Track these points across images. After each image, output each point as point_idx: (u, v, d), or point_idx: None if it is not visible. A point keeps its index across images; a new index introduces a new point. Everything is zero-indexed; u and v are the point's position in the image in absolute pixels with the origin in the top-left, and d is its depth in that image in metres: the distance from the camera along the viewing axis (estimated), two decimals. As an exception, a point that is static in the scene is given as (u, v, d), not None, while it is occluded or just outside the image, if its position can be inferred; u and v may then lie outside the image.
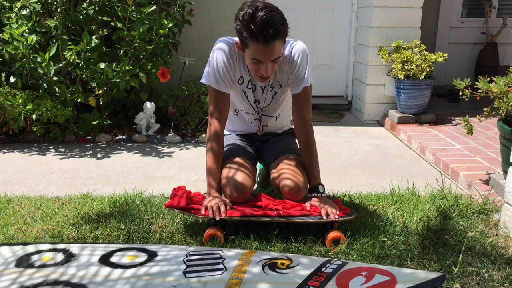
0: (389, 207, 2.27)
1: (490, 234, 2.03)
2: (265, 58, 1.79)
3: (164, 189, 2.50)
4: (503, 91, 2.28)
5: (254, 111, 2.15)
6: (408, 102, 3.82)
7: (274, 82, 2.04)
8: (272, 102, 2.11)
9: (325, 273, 1.46)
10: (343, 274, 1.44)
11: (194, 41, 4.28)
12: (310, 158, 2.04)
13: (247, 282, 1.44)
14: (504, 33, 5.06)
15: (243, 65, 1.99)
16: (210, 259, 1.62)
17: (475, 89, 2.42)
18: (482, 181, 2.54)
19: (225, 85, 1.97)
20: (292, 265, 1.54)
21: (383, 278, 1.39)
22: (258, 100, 2.08)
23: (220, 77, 1.95)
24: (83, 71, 3.36)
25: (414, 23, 3.97)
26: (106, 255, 1.67)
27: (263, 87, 2.04)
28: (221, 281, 1.44)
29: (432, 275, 1.36)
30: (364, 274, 1.43)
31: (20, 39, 3.17)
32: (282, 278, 1.46)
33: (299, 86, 1.99)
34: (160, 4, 3.77)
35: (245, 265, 1.56)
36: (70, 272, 1.54)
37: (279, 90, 2.08)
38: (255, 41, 1.75)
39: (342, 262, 1.52)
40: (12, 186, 2.60)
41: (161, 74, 3.54)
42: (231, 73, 1.97)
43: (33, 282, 1.49)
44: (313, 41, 4.60)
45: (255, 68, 1.85)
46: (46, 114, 3.23)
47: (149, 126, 3.67)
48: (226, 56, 1.94)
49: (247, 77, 2.02)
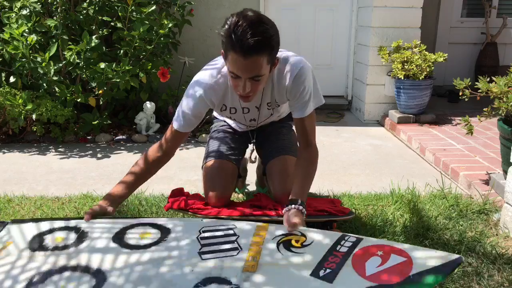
0: (389, 207, 2.27)
1: (490, 234, 2.03)
2: (242, 73, 1.55)
3: (164, 189, 2.50)
4: (503, 91, 2.28)
5: (249, 127, 2.08)
6: (408, 102, 3.82)
7: (272, 101, 1.86)
8: (270, 116, 2.00)
9: (340, 253, 1.43)
10: (358, 253, 1.41)
11: (194, 41, 4.28)
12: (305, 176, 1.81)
13: (263, 264, 1.43)
14: (504, 33, 5.06)
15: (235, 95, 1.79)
16: (224, 236, 1.59)
17: (475, 89, 2.42)
18: (482, 181, 2.54)
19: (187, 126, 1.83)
20: (306, 243, 1.51)
21: (399, 259, 1.36)
22: (253, 119, 1.97)
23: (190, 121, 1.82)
24: (83, 71, 3.36)
25: (414, 23, 3.97)
26: (119, 232, 1.64)
27: (257, 106, 1.87)
28: (238, 264, 1.43)
29: (448, 258, 1.34)
30: (379, 253, 1.40)
31: (20, 39, 3.17)
32: (298, 258, 1.43)
33: (304, 111, 1.80)
34: (160, 4, 3.77)
35: (259, 243, 1.53)
36: (85, 256, 1.52)
37: (276, 108, 1.93)
38: (232, 50, 1.51)
39: (357, 239, 1.49)
40: (12, 186, 2.60)
41: (161, 74, 3.54)
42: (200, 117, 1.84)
43: (50, 268, 1.46)
44: (313, 41, 4.61)
45: (234, 84, 1.63)
46: (46, 114, 3.23)
47: (149, 126, 3.67)
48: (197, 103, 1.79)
49: (240, 104, 1.87)
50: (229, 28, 1.51)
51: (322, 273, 1.34)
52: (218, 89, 1.79)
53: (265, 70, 1.58)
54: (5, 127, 3.46)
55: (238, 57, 1.50)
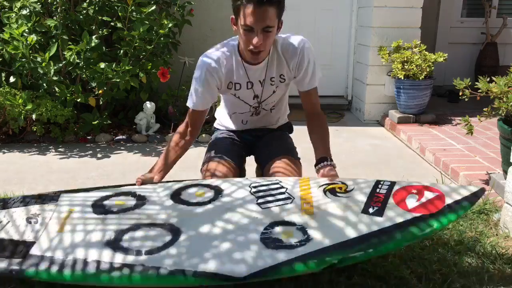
0: (389, 207, 2.27)
1: (490, 234, 2.03)
2: (255, 23, 1.69)
3: (164, 189, 2.50)
4: (503, 91, 2.28)
5: (252, 107, 2.08)
6: (408, 102, 3.82)
7: (276, 75, 1.96)
8: (272, 95, 2.04)
9: (381, 194, 1.61)
10: (397, 193, 1.60)
11: (194, 41, 4.28)
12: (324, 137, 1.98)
13: (318, 206, 1.58)
14: (504, 33, 5.06)
15: (243, 69, 1.93)
16: (274, 189, 1.71)
17: (475, 89, 2.42)
18: (482, 181, 2.54)
19: (201, 104, 1.95)
20: (349, 189, 1.66)
21: (433, 194, 1.56)
22: (257, 95, 2.02)
23: (203, 98, 1.94)
24: (83, 71, 3.36)
25: (414, 23, 3.97)
26: (175, 193, 1.74)
27: (261, 81, 1.97)
28: (296, 209, 1.58)
29: (472, 189, 1.57)
30: (414, 192, 1.59)
31: (20, 39, 3.17)
32: (346, 201, 1.60)
33: (311, 83, 1.97)
34: (160, 4, 3.77)
35: (308, 192, 1.67)
36: (153, 214, 1.62)
37: (281, 85, 2.00)
38: (248, 4, 1.67)
39: (391, 183, 1.66)
40: (12, 186, 2.60)
41: (161, 74, 3.54)
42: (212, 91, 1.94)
43: (125, 226, 1.55)
44: (313, 41, 4.56)
45: (247, 40, 1.75)
46: (46, 114, 3.23)
47: (149, 126, 3.67)
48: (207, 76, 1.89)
49: (245, 78, 1.95)
50: None
51: (371, 211, 1.53)
52: (224, 61, 1.90)
53: (274, 22, 1.73)
54: (5, 127, 3.46)
55: (252, 8, 1.67)
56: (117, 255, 1.43)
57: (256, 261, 1.37)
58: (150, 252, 1.43)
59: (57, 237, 1.53)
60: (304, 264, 1.37)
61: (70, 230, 1.55)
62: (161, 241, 1.47)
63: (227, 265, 1.37)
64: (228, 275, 1.35)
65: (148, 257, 1.41)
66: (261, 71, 1.93)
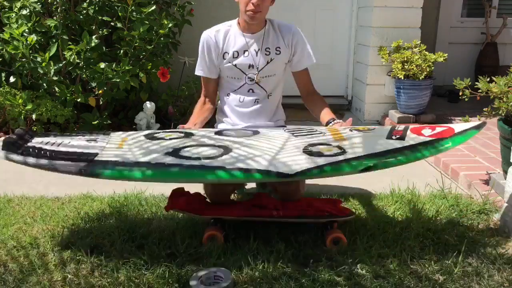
0: (389, 207, 2.27)
1: (490, 234, 2.03)
2: None
3: (164, 189, 2.50)
4: (503, 91, 2.28)
5: (247, 77, 2.16)
6: (408, 102, 3.82)
7: (271, 46, 2.16)
8: (267, 66, 2.17)
9: (399, 130, 1.85)
10: (412, 129, 1.84)
11: (194, 41, 4.25)
12: (327, 107, 2.22)
13: (347, 138, 1.80)
14: (504, 33, 5.06)
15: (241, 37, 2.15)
16: (305, 129, 1.96)
17: (475, 89, 2.42)
18: (482, 181, 2.54)
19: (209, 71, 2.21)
20: (371, 129, 1.91)
21: (443, 128, 1.81)
22: (252, 65, 2.16)
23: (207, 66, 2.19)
24: (83, 71, 3.36)
25: (414, 23, 3.97)
26: (217, 132, 1.97)
27: (256, 50, 2.15)
28: (329, 137, 1.82)
29: (475, 123, 1.82)
30: (427, 127, 1.84)
31: (20, 39, 3.17)
32: (371, 134, 1.86)
33: (308, 61, 2.23)
34: (160, 4, 3.77)
35: (337, 131, 1.89)
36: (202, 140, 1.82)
37: (276, 57, 2.17)
38: None
39: (405, 126, 1.89)
40: (12, 186, 2.60)
41: (161, 74, 3.54)
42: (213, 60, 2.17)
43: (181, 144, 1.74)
44: (313, 41, 4.58)
45: (245, 2, 2.01)
46: (46, 114, 3.23)
47: (149, 126, 3.67)
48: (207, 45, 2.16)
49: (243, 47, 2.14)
50: None
51: (394, 138, 1.78)
52: (223, 32, 2.15)
53: None
54: (5, 127, 3.46)
55: None
56: (178, 160, 1.61)
57: (303, 164, 1.58)
58: (208, 158, 1.63)
59: (118, 150, 1.72)
60: (347, 164, 1.58)
61: (128, 147, 1.75)
62: (216, 152, 1.67)
63: (278, 165, 1.57)
64: (280, 171, 1.54)
65: (207, 161, 1.60)
66: (258, 39, 2.14)
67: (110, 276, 1.68)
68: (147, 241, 1.91)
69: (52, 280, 1.68)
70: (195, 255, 1.82)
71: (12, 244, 1.91)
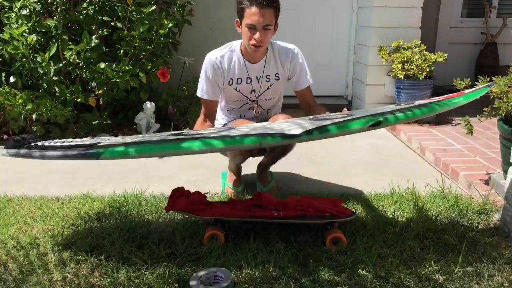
0: (389, 207, 2.27)
1: (490, 234, 2.03)
2: (258, 21, 2.05)
3: (164, 189, 2.50)
4: (503, 91, 2.28)
5: (249, 100, 2.34)
6: (408, 102, 3.81)
7: (271, 73, 2.29)
8: (267, 90, 2.33)
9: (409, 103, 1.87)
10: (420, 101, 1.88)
11: (194, 41, 4.28)
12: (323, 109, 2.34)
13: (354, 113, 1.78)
14: (504, 33, 5.05)
15: (243, 66, 2.25)
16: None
17: (475, 89, 2.42)
18: (482, 181, 2.54)
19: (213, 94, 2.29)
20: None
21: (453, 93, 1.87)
22: (254, 90, 2.31)
23: (211, 89, 2.28)
24: (83, 71, 3.36)
25: (414, 23, 3.97)
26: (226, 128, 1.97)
27: (258, 77, 2.29)
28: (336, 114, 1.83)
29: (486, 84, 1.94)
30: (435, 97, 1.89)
31: (20, 39, 3.17)
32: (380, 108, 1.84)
33: (305, 83, 2.34)
34: (160, 4, 3.77)
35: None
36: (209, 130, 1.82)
37: (275, 82, 2.32)
38: (250, 6, 2.05)
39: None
40: (12, 186, 2.60)
41: (161, 74, 3.54)
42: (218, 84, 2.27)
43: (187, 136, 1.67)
44: (313, 41, 4.60)
45: (249, 36, 2.10)
46: (46, 114, 3.23)
47: (149, 126, 3.67)
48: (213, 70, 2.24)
49: (246, 74, 2.27)
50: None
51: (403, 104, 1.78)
52: (227, 59, 2.24)
53: (272, 22, 2.10)
54: (5, 127, 3.46)
55: (255, 10, 2.04)
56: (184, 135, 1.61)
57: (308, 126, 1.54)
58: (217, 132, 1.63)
59: (121, 139, 1.69)
60: (356, 120, 1.51)
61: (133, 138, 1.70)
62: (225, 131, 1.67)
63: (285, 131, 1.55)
64: (286, 133, 1.53)
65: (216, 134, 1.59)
66: (259, 68, 2.26)
67: (110, 276, 1.68)
68: (147, 241, 1.91)
69: (52, 280, 1.68)
70: (195, 255, 1.82)
71: (12, 244, 1.91)
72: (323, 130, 1.50)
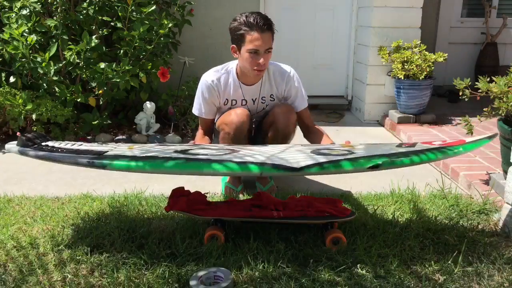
0: (389, 207, 2.27)
1: (490, 234, 2.03)
2: (260, 46, 2.08)
3: (164, 189, 2.50)
4: (503, 91, 2.28)
5: None
6: (408, 102, 3.82)
7: (266, 95, 2.33)
8: (262, 111, 2.38)
9: (409, 142, 1.90)
10: (422, 142, 1.90)
11: (194, 41, 4.28)
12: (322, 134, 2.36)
13: (355, 145, 1.89)
14: (504, 33, 5.06)
15: (238, 88, 2.29)
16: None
17: (475, 89, 2.42)
18: (482, 181, 2.54)
19: (209, 113, 2.35)
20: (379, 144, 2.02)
21: (454, 140, 1.89)
22: (249, 110, 2.31)
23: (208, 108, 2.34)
24: (83, 71, 3.36)
25: (414, 23, 3.97)
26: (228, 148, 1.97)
27: (254, 99, 2.32)
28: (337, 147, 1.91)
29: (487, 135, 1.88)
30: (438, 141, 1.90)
31: (20, 39, 3.17)
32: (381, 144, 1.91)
33: (301, 105, 2.36)
34: (160, 4, 3.77)
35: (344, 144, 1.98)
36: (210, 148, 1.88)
37: (270, 103, 2.35)
38: (251, 31, 2.07)
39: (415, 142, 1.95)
40: (12, 186, 2.60)
41: (161, 74, 3.54)
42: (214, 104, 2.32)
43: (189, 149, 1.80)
44: (313, 41, 4.60)
45: (252, 62, 2.12)
46: (46, 114, 3.23)
47: (149, 126, 3.67)
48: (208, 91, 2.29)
49: (241, 96, 2.31)
50: (243, 19, 2.08)
51: (404, 146, 1.83)
52: (222, 81, 2.27)
53: (272, 44, 2.13)
54: (5, 127, 3.46)
55: (257, 35, 2.07)
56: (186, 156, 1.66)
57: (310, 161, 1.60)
58: (215, 156, 1.67)
59: (128, 151, 1.75)
60: (355, 160, 1.57)
61: (139, 149, 1.79)
62: (223, 153, 1.72)
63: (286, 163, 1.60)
64: (287, 165, 1.57)
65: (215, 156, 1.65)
66: (255, 91, 2.30)
67: (110, 276, 1.68)
68: (147, 241, 1.91)
69: (52, 280, 1.68)
70: (195, 255, 1.82)
71: (12, 244, 1.91)
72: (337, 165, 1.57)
